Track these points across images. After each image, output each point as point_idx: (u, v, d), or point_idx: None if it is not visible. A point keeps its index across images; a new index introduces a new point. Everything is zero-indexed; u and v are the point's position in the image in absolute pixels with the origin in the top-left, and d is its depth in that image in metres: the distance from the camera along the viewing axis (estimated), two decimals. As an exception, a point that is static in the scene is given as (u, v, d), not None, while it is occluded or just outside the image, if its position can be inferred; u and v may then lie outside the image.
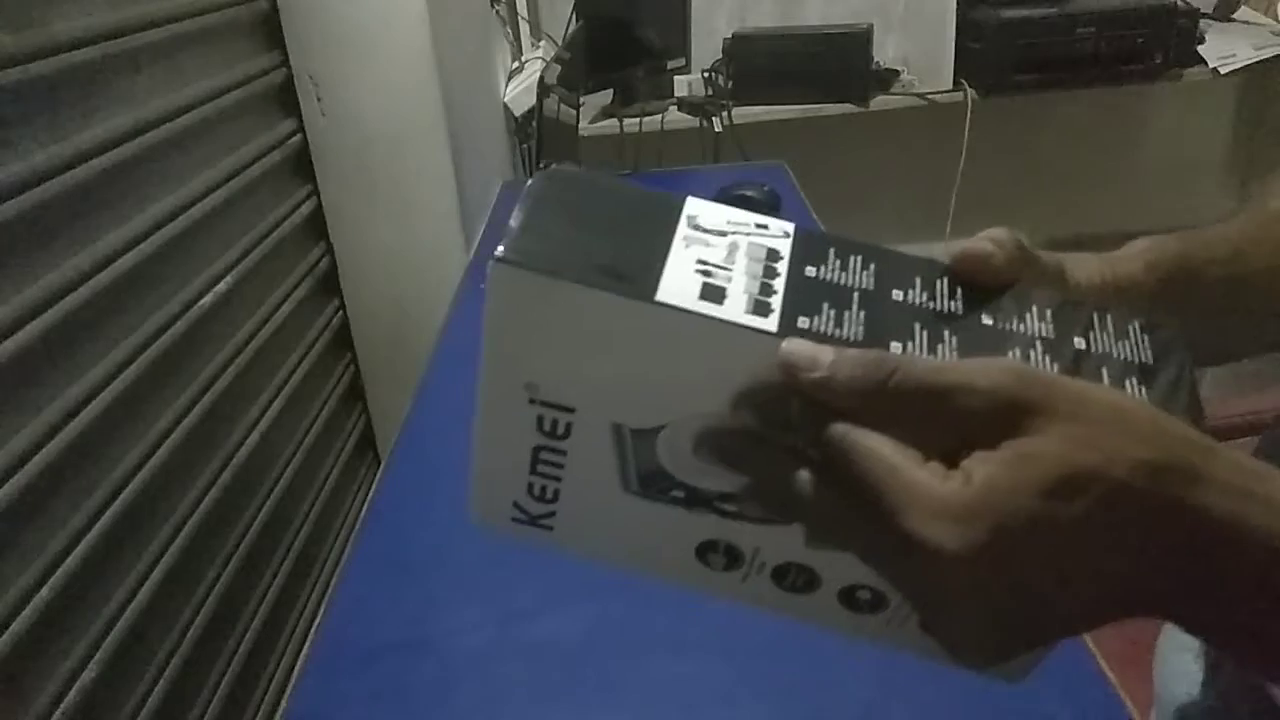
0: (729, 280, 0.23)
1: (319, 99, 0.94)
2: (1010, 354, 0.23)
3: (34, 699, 0.49)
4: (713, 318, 0.22)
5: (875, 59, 1.57)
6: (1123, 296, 0.31)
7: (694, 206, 0.25)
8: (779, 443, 0.23)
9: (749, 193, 1.17)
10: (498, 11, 1.34)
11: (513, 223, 0.23)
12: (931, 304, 0.24)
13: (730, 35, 1.57)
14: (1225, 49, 1.53)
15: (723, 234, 0.24)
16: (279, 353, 0.86)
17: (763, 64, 1.56)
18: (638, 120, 1.45)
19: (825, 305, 0.23)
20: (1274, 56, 1.54)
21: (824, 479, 0.22)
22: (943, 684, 0.43)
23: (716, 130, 1.50)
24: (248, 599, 0.75)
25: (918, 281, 0.24)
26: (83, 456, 0.56)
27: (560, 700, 0.47)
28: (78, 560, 0.53)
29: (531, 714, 0.47)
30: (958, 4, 1.56)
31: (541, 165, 0.96)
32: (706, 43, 1.58)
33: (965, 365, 0.22)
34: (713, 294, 0.22)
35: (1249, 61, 1.53)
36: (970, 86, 1.60)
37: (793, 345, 0.22)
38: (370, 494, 0.67)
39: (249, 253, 0.81)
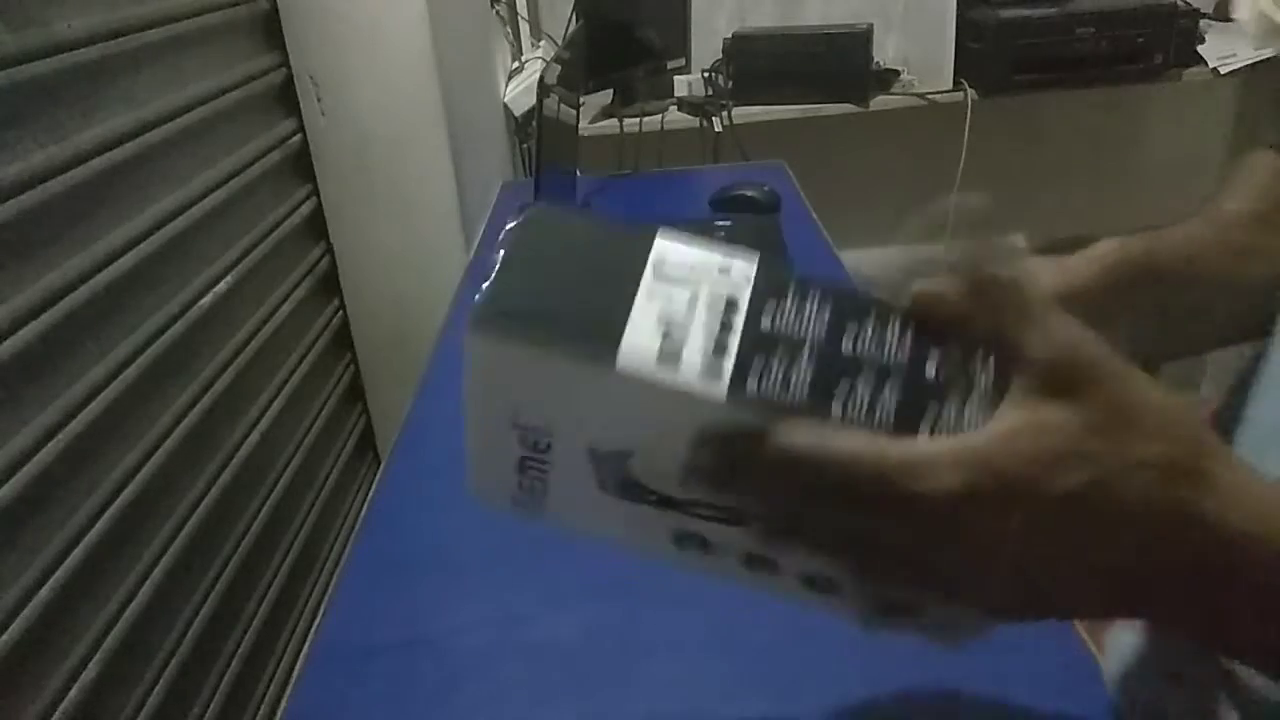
0: (685, 338, 0.25)
1: (319, 99, 0.94)
2: (945, 414, 0.24)
3: (34, 699, 0.49)
4: (666, 384, 0.24)
5: (875, 59, 1.57)
6: (1075, 301, 0.32)
7: (661, 248, 0.26)
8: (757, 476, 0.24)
9: (749, 193, 1.17)
10: (498, 11, 1.34)
11: (488, 280, 0.25)
12: (880, 355, 0.25)
13: (730, 35, 1.57)
14: (1225, 49, 1.53)
15: (685, 282, 0.25)
16: (279, 353, 0.86)
17: (763, 64, 1.56)
18: (638, 120, 1.45)
19: (776, 363, 0.25)
20: (1274, 56, 1.54)
21: (819, 500, 0.23)
22: (941, 680, 0.43)
23: (716, 130, 1.50)
24: (248, 598, 0.75)
25: (870, 330, 0.25)
26: (83, 456, 0.56)
27: (560, 700, 0.47)
28: (78, 560, 0.53)
29: (532, 714, 0.47)
30: (958, 4, 1.56)
31: (537, 176, 0.96)
32: (706, 43, 1.58)
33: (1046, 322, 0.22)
34: (669, 357, 0.24)
35: (1249, 61, 1.53)
36: (970, 86, 1.60)
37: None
38: (370, 494, 0.67)
39: (249, 253, 0.81)
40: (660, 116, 1.48)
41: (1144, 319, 0.36)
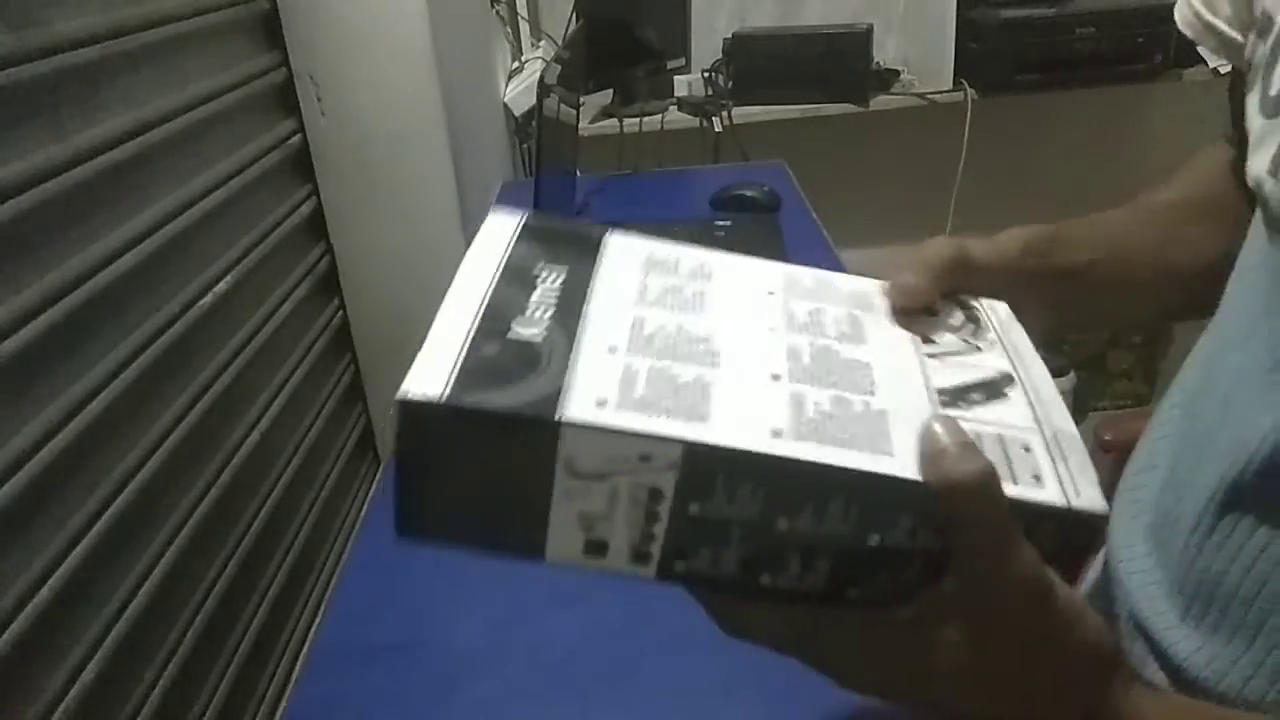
0: (610, 531, 0.25)
1: (319, 99, 0.94)
2: (879, 582, 0.26)
3: (34, 699, 0.49)
4: (595, 568, 0.25)
5: (875, 59, 1.57)
6: (1004, 273, 0.35)
7: (571, 446, 0.24)
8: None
9: (749, 193, 1.17)
10: (498, 11, 1.34)
11: (396, 489, 0.25)
12: (817, 529, 0.25)
13: (730, 35, 1.57)
14: (1225, 49, 1.53)
15: (602, 477, 0.24)
16: (279, 353, 0.86)
17: (763, 64, 1.56)
18: (638, 120, 1.45)
19: (704, 547, 0.25)
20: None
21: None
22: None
23: (716, 130, 1.50)
24: (248, 599, 0.75)
25: (806, 509, 0.24)
26: (82, 457, 0.56)
27: (560, 700, 0.47)
28: (78, 560, 0.53)
29: (531, 714, 0.47)
30: (958, 4, 1.56)
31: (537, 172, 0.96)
32: (706, 43, 1.58)
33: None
34: (595, 549, 0.25)
35: (1249, 61, 1.53)
36: (970, 86, 1.60)
37: None
38: (370, 494, 0.67)
39: (249, 253, 0.81)
40: (660, 116, 1.48)
41: (1059, 292, 0.39)
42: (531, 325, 0.27)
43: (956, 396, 0.27)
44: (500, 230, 0.32)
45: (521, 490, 0.24)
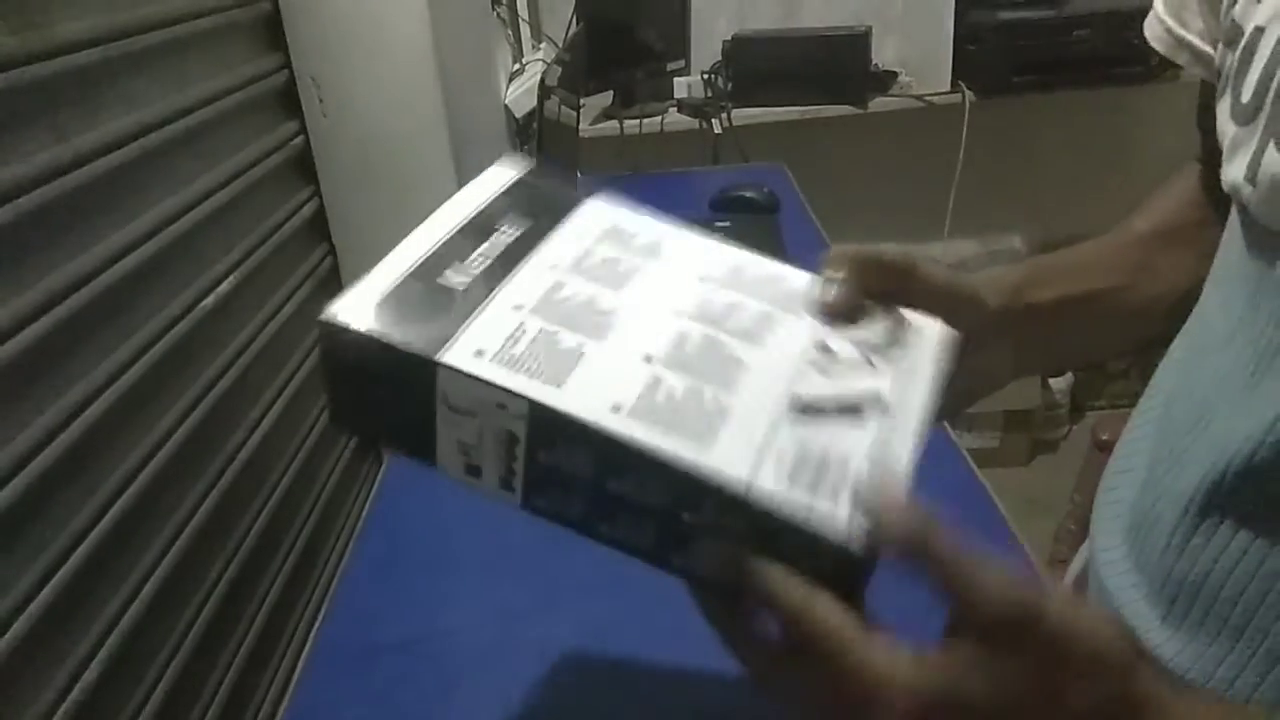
0: (482, 459, 0.29)
1: (321, 100, 0.94)
2: (696, 553, 0.28)
3: (35, 699, 0.49)
4: (476, 488, 0.29)
5: (874, 61, 1.57)
6: (947, 297, 0.35)
7: (444, 381, 0.28)
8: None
9: (749, 194, 1.17)
10: (499, 14, 1.34)
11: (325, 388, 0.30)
12: (640, 498, 0.28)
13: (730, 37, 1.58)
14: (1222, 51, 1.54)
15: (471, 414, 0.28)
16: (281, 354, 0.87)
17: (762, 66, 1.56)
18: (638, 122, 1.45)
19: (553, 489, 0.29)
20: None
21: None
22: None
23: (716, 132, 1.50)
24: (249, 599, 0.75)
25: (630, 478, 0.27)
26: (85, 457, 0.56)
27: (560, 700, 0.48)
28: (79, 560, 0.53)
29: (531, 713, 0.47)
30: (956, 6, 1.56)
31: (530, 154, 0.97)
32: (706, 45, 1.58)
33: (994, 578, 0.25)
34: (472, 471, 0.29)
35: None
36: (968, 88, 1.60)
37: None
38: (371, 494, 0.67)
39: (251, 254, 0.81)
40: (660, 118, 1.49)
41: (1038, 330, 0.40)
42: (462, 274, 0.31)
43: (810, 409, 0.29)
44: (495, 180, 0.36)
45: (412, 411, 0.29)
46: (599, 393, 0.28)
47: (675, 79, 1.53)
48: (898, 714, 0.25)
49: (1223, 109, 0.33)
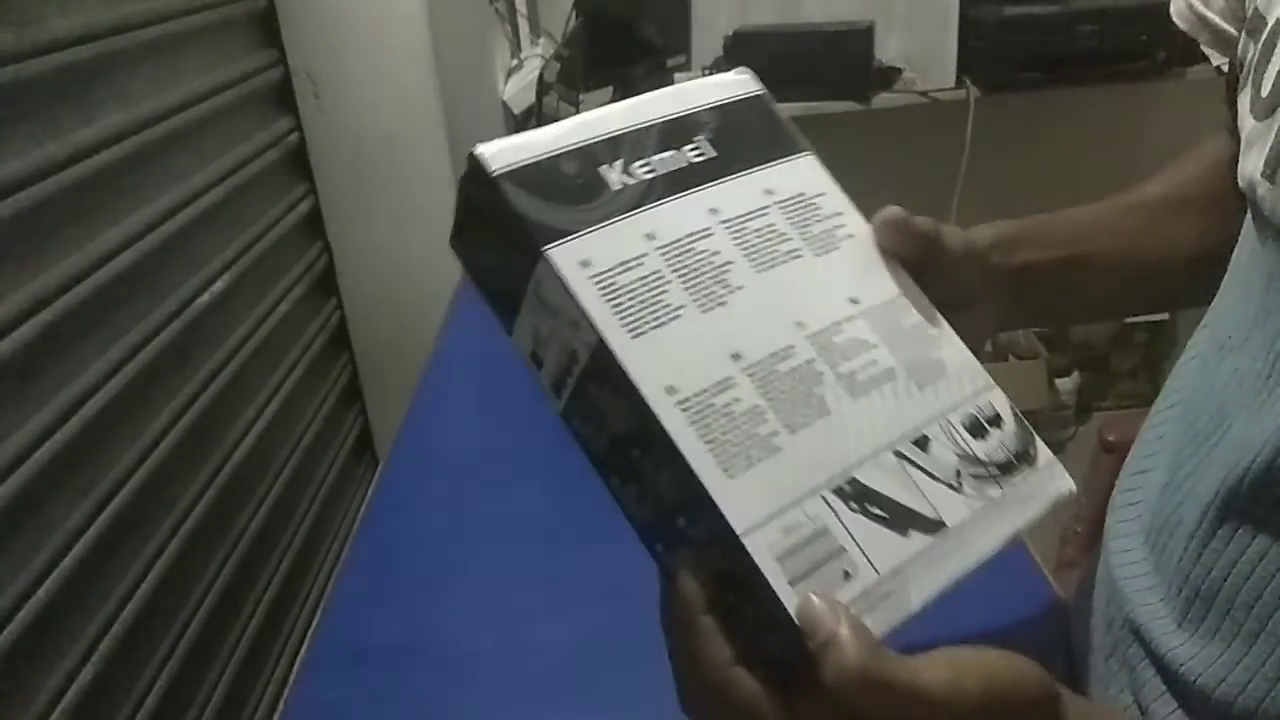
0: (546, 355, 0.28)
1: (316, 96, 0.94)
2: (685, 546, 0.27)
3: (32, 699, 0.49)
4: (534, 374, 0.29)
5: (877, 57, 1.56)
6: (969, 264, 0.35)
7: (541, 271, 0.27)
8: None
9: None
10: (496, 8, 1.33)
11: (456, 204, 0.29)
12: (650, 479, 0.27)
13: (731, 33, 1.57)
14: (1228, 46, 1.53)
15: (550, 313, 0.28)
16: (276, 352, 0.86)
17: (764, 62, 1.54)
18: (638, 118, 1.43)
19: (588, 421, 0.28)
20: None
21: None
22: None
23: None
24: (245, 599, 0.75)
25: (651, 457, 0.27)
26: (80, 456, 0.55)
27: (559, 701, 0.47)
28: (75, 560, 0.53)
29: (530, 715, 0.47)
30: (960, 2, 1.55)
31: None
32: (707, 40, 1.57)
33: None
34: (536, 361, 0.29)
35: (1252, 59, 1.52)
36: (972, 84, 1.59)
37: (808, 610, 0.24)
38: (368, 495, 0.67)
39: (246, 251, 0.81)
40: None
41: (1028, 287, 0.39)
42: (625, 173, 0.29)
43: (861, 497, 0.26)
44: (727, 86, 0.34)
45: (512, 274, 0.28)
46: (667, 364, 0.26)
47: (676, 75, 1.52)
48: None
49: (1243, 101, 0.32)
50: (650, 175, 0.29)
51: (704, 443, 0.25)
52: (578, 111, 1.18)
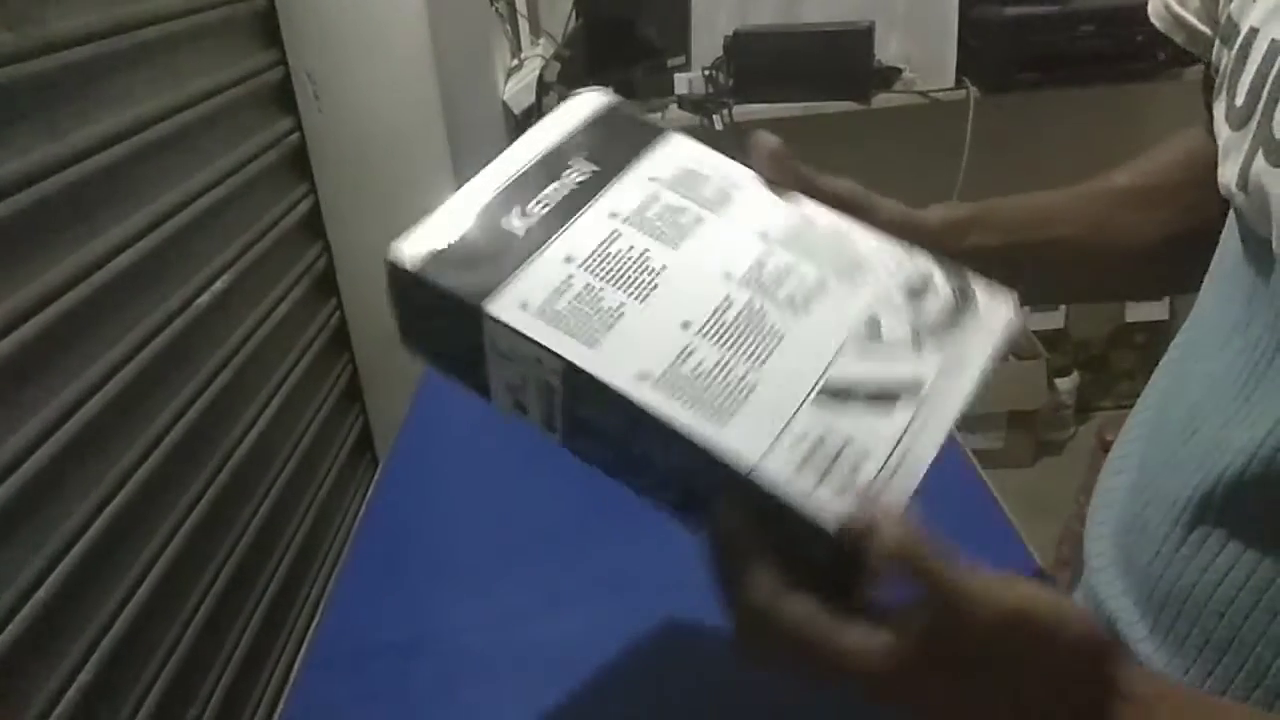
0: (527, 400, 0.30)
1: (316, 96, 0.94)
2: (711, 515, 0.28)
3: (32, 699, 0.49)
4: (522, 421, 0.31)
5: (877, 57, 1.56)
6: (920, 241, 0.35)
7: (490, 331, 0.29)
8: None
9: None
10: (496, 9, 1.33)
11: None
12: (662, 462, 0.28)
13: (731, 33, 1.57)
14: (1228, 47, 1.53)
15: (513, 361, 0.29)
16: (276, 352, 0.86)
17: (764, 62, 1.55)
18: (638, 118, 1.43)
19: (588, 438, 0.30)
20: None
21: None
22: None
23: (717, 128, 1.49)
24: (245, 599, 0.75)
25: (654, 442, 0.28)
26: (80, 456, 0.55)
27: (560, 701, 0.47)
28: (75, 560, 0.53)
29: (530, 714, 0.47)
30: (960, 2, 1.55)
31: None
32: (707, 40, 1.57)
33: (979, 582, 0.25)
34: (520, 409, 0.30)
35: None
36: (972, 84, 1.59)
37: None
38: (368, 494, 0.67)
39: (246, 251, 0.81)
40: (661, 114, 1.48)
41: (985, 269, 0.39)
42: (523, 218, 0.31)
43: (840, 393, 0.29)
44: (580, 108, 0.36)
45: (466, 348, 0.30)
46: (630, 357, 0.28)
47: (676, 75, 1.53)
48: (880, 678, 0.25)
49: (1219, 109, 0.32)
50: (546, 210, 0.31)
51: (689, 408, 0.27)
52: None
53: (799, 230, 0.34)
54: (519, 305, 0.29)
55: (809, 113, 1.52)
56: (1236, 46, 0.32)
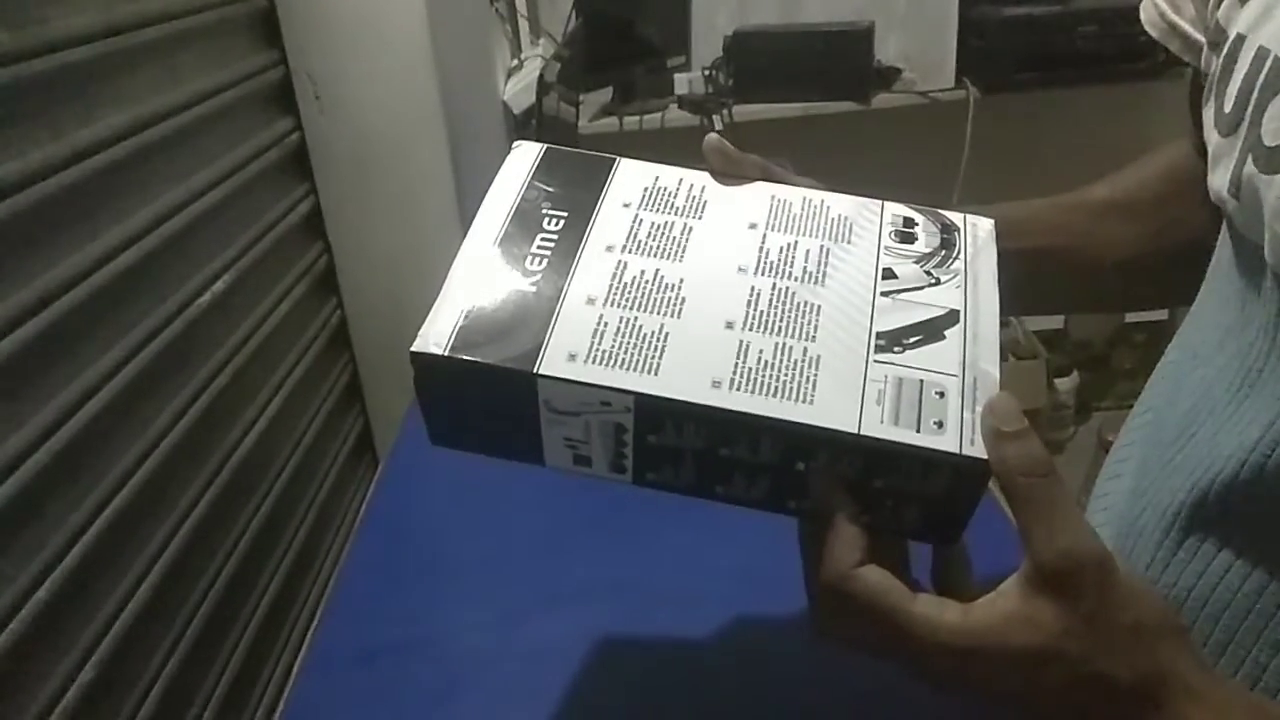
0: (590, 450, 0.30)
1: (317, 97, 0.94)
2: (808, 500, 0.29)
3: (32, 699, 0.49)
4: (585, 474, 0.31)
5: (877, 57, 1.56)
6: None
7: (545, 390, 0.29)
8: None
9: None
10: (497, 9, 1.33)
11: (423, 411, 0.31)
12: (753, 457, 0.29)
13: (731, 33, 1.57)
14: (1228, 47, 1.53)
15: (576, 414, 0.29)
16: (277, 352, 0.86)
17: (764, 62, 1.55)
18: (638, 118, 1.44)
19: (664, 465, 0.30)
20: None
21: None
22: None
23: (717, 128, 1.49)
24: (246, 599, 0.75)
25: (741, 442, 0.29)
26: (80, 456, 0.55)
27: (559, 701, 0.47)
28: (75, 560, 0.53)
29: (530, 715, 0.47)
30: (960, 2, 1.55)
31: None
32: (707, 40, 1.57)
33: (1071, 524, 0.26)
34: (582, 461, 0.31)
35: (1252, 59, 1.52)
36: (972, 84, 1.59)
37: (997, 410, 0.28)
38: (368, 494, 0.67)
39: (246, 251, 0.81)
40: (660, 114, 1.48)
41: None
42: (528, 275, 0.32)
43: (894, 340, 0.30)
44: (519, 166, 0.36)
45: (516, 419, 0.30)
46: (695, 370, 0.29)
47: (675, 75, 1.53)
48: (941, 664, 0.26)
49: (1208, 115, 0.32)
50: (544, 263, 0.32)
51: (772, 399, 0.28)
52: (577, 112, 1.19)
53: (778, 211, 0.35)
54: (567, 358, 0.29)
55: (809, 113, 1.52)
56: (1224, 53, 0.32)
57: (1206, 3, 0.35)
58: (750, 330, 0.30)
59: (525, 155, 0.37)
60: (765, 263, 0.32)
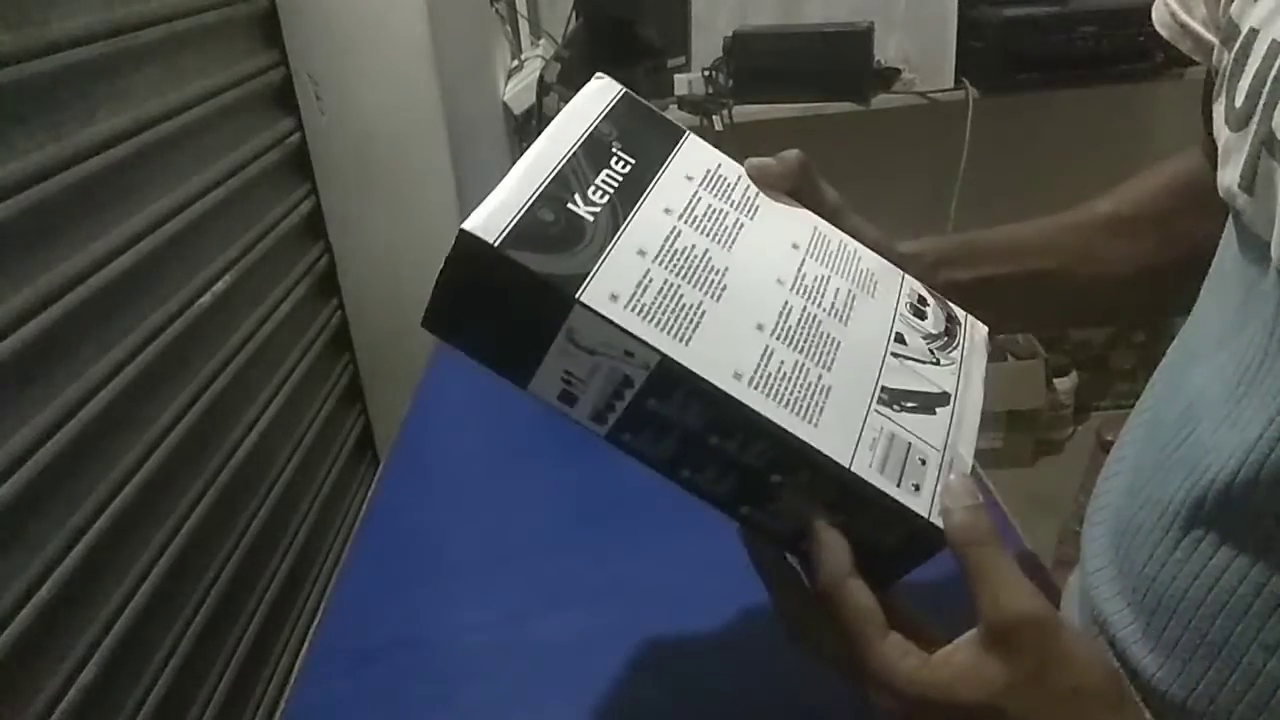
0: (583, 391, 0.29)
1: (318, 98, 0.94)
2: (770, 510, 0.30)
3: (33, 699, 0.49)
4: (563, 411, 0.30)
5: (876, 57, 1.56)
6: (912, 262, 0.37)
7: (577, 319, 0.28)
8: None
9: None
10: (497, 10, 1.33)
11: (434, 292, 0.29)
12: (737, 455, 0.30)
13: (731, 34, 1.57)
14: (1227, 47, 1.52)
15: (590, 353, 0.29)
16: (278, 352, 0.86)
17: (763, 62, 1.55)
18: (638, 119, 1.43)
19: (648, 431, 0.29)
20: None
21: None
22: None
23: (717, 129, 1.49)
24: (247, 599, 0.75)
25: (736, 437, 0.29)
26: (81, 456, 0.55)
27: (559, 701, 0.47)
28: (76, 560, 0.53)
29: (531, 715, 0.47)
30: (959, 3, 1.55)
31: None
32: (707, 41, 1.57)
33: (1012, 584, 0.28)
34: (567, 399, 0.30)
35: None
36: (972, 85, 1.59)
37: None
38: (369, 494, 0.67)
39: (247, 252, 0.81)
40: (661, 115, 1.47)
41: (972, 302, 0.41)
42: (588, 204, 0.31)
43: (895, 398, 0.31)
44: (597, 98, 0.36)
45: (527, 335, 0.29)
46: (721, 356, 0.29)
47: (676, 75, 1.53)
48: (890, 704, 0.28)
49: (1219, 111, 0.32)
50: (606, 199, 0.31)
51: (784, 408, 0.29)
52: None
53: (818, 242, 0.35)
54: (609, 296, 0.28)
55: (808, 113, 1.52)
56: (1236, 48, 0.32)
57: (1218, 1, 0.35)
58: (777, 340, 0.31)
59: (604, 90, 0.36)
60: (801, 285, 0.33)
